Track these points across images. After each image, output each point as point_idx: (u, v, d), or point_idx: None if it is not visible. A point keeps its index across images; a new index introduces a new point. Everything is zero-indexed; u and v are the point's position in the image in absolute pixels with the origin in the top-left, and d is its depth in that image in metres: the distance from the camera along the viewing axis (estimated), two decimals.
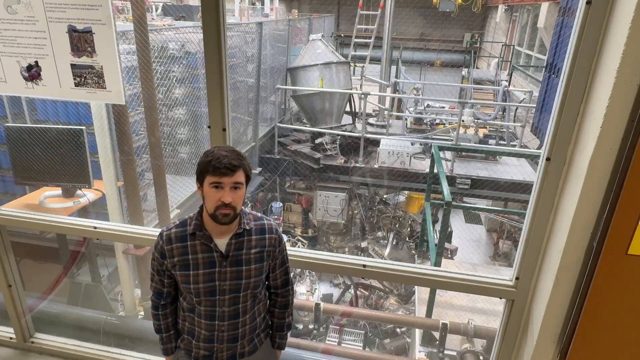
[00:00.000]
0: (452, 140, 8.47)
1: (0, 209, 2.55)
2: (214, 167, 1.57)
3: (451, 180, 7.56)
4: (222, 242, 1.70)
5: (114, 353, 2.75)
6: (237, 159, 1.60)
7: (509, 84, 11.76)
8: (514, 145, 8.99)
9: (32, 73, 2.09)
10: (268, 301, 1.93)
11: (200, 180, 1.64)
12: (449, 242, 7.83)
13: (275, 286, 1.89)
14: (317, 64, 9.07)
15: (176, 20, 8.80)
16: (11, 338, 2.80)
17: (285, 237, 8.51)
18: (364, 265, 2.14)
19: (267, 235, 1.77)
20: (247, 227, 1.73)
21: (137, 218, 4.12)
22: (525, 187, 7.52)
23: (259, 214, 1.83)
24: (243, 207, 1.75)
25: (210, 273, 1.69)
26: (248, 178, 1.66)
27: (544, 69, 7.25)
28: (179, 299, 1.82)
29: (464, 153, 8.31)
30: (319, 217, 9.09)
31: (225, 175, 1.57)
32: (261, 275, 1.77)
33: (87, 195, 3.95)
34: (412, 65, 16.02)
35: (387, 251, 8.66)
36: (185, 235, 1.70)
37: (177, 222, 1.75)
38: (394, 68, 12.32)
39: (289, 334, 2.02)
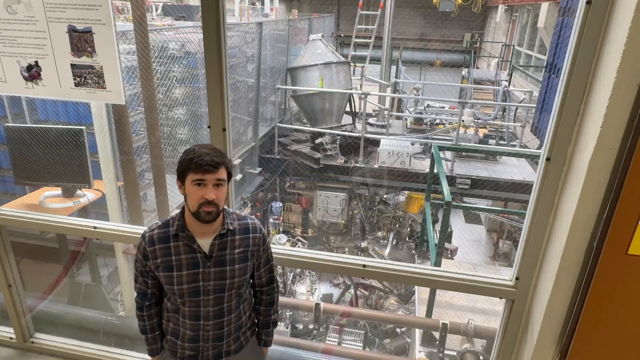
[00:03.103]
0: (452, 140, 8.47)
1: (0, 209, 2.55)
2: (197, 164, 1.57)
3: (451, 180, 7.56)
4: (205, 243, 1.70)
5: (114, 353, 2.75)
6: (219, 156, 1.61)
7: (509, 84, 11.76)
8: (514, 145, 8.99)
9: (32, 73, 2.09)
10: (253, 299, 1.93)
11: (181, 178, 1.63)
12: (449, 242, 7.83)
13: (260, 284, 1.89)
14: (317, 64, 9.06)
15: (176, 20, 8.79)
16: (11, 338, 2.80)
17: (285, 237, 8.57)
18: (364, 265, 2.14)
19: (250, 235, 1.77)
20: (231, 227, 1.73)
21: (137, 218, 4.11)
22: (525, 187, 7.52)
23: (243, 214, 1.83)
24: (226, 207, 1.76)
25: (194, 274, 1.69)
26: (230, 175, 1.67)
27: (544, 69, 7.25)
28: (164, 300, 1.82)
29: (464, 153, 8.31)
30: (319, 217, 9.09)
31: (208, 172, 1.57)
32: (245, 275, 1.76)
33: (87, 195, 3.95)
34: (412, 65, 16.03)
35: (387, 251, 8.66)
36: (168, 236, 1.69)
37: (160, 223, 1.74)
38: (394, 68, 12.31)
39: (274, 330, 2.02)
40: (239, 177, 7.63)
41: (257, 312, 1.94)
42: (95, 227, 2.41)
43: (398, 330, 6.54)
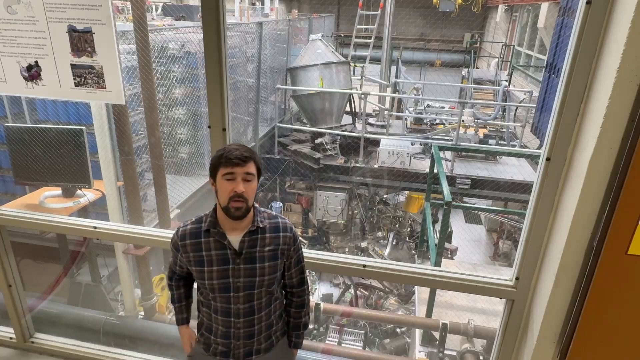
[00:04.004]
0: (452, 140, 8.47)
1: (0, 209, 2.55)
2: (227, 158, 1.61)
3: (451, 180, 7.56)
4: (235, 239, 1.72)
5: (114, 353, 2.75)
6: (248, 152, 1.66)
7: (509, 84, 11.76)
8: (514, 145, 8.99)
9: (32, 73, 2.09)
10: (284, 300, 1.95)
11: (213, 175, 1.68)
12: (449, 242, 7.83)
13: (291, 285, 1.90)
14: (317, 64, 9.06)
15: (176, 20, 8.80)
16: (11, 338, 2.80)
17: None
18: (364, 265, 2.14)
19: (281, 234, 1.78)
20: (261, 225, 1.75)
21: (137, 218, 4.12)
22: (525, 187, 7.52)
23: (274, 213, 1.85)
24: (257, 206, 1.78)
25: (224, 270, 1.72)
26: (259, 172, 1.70)
27: (544, 69, 7.25)
28: (198, 294, 1.87)
29: (464, 153, 8.31)
30: (319, 217, 9.09)
31: (237, 166, 1.61)
32: (275, 273, 1.77)
33: (87, 195, 3.95)
34: (412, 65, 16.02)
35: (387, 251, 8.66)
36: (199, 232, 1.73)
37: (194, 219, 1.78)
38: (394, 68, 12.31)
39: (305, 333, 2.03)
40: None
41: (287, 314, 1.95)
42: (95, 227, 2.41)
43: (398, 330, 6.54)
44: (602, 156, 1.43)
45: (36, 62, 2.07)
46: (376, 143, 8.69)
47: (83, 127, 3.63)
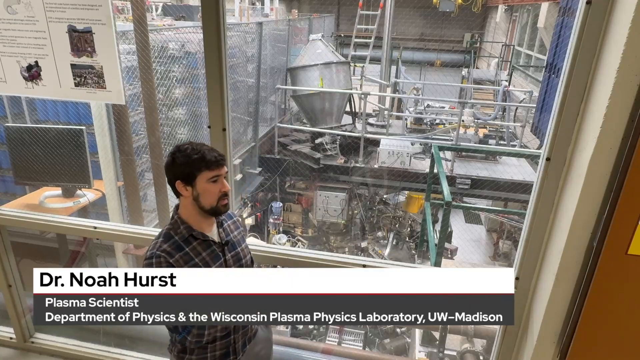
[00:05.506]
0: (452, 140, 8.47)
1: (0, 209, 2.55)
2: (210, 161, 1.62)
3: (451, 180, 7.56)
4: (213, 234, 1.77)
5: (114, 353, 2.75)
6: (218, 150, 1.71)
7: (509, 84, 11.75)
8: (514, 145, 8.99)
9: (32, 73, 2.09)
10: None
11: (189, 179, 1.63)
12: (449, 242, 7.83)
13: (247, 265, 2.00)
14: (317, 64, 9.06)
15: (176, 20, 8.80)
16: (11, 338, 2.80)
17: (285, 237, 8.56)
18: (364, 265, 2.14)
19: (234, 219, 1.90)
20: (222, 216, 1.83)
21: (137, 218, 4.12)
22: (525, 187, 7.52)
23: None
24: None
25: (219, 265, 1.75)
26: None
27: (544, 69, 7.26)
28: None
29: (464, 153, 8.31)
30: (319, 217, 9.09)
31: (221, 167, 1.66)
32: (250, 252, 1.89)
33: (87, 195, 3.95)
34: (412, 65, 16.02)
35: (387, 251, 8.66)
36: (179, 245, 1.68)
37: (161, 240, 1.69)
38: (394, 68, 12.31)
39: (274, 328, 2.08)
40: (239, 177, 7.64)
41: None
42: (95, 227, 2.41)
43: (398, 330, 6.55)
44: (602, 156, 1.43)
45: (36, 62, 2.07)
46: (376, 143, 8.69)
47: (83, 127, 3.63)
